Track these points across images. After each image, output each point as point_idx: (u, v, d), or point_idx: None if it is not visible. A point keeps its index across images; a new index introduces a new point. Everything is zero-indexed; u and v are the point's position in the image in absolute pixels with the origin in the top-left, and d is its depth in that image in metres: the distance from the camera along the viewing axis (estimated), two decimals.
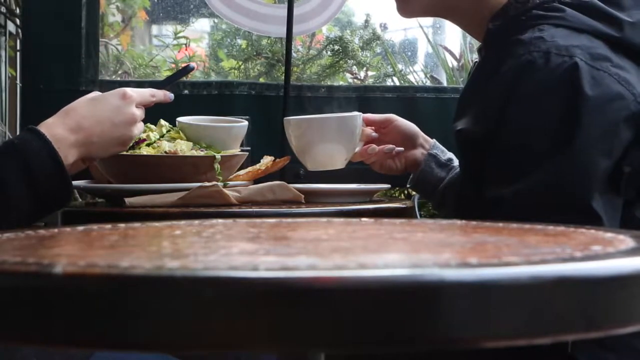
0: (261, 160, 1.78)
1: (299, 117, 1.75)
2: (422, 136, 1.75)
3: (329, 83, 3.38)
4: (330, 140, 1.67)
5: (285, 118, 1.75)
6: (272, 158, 1.78)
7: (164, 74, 3.68)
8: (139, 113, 1.46)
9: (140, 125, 1.47)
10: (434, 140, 1.76)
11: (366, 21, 3.79)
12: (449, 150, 1.76)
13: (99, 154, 1.44)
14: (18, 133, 1.38)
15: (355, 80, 3.65)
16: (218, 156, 1.63)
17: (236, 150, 1.71)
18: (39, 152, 1.29)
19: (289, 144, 1.73)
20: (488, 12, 1.46)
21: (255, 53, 3.52)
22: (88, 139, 1.38)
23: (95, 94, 1.46)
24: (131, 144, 1.62)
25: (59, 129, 1.35)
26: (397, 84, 3.62)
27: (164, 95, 1.53)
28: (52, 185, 1.30)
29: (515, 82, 1.30)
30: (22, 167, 1.28)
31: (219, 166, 1.62)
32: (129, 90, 1.45)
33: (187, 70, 1.72)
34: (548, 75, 1.29)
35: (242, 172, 1.75)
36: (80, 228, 0.88)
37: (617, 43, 1.34)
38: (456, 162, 1.70)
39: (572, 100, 1.27)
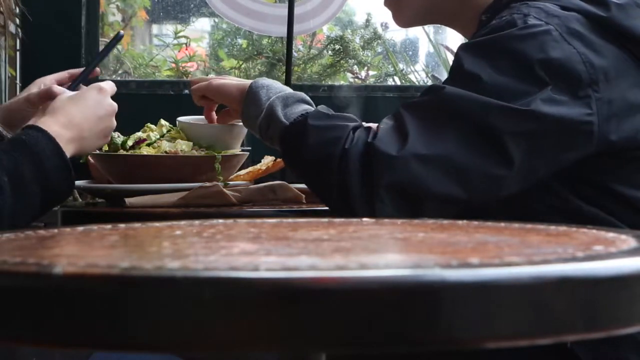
0: (262, 160, 1.78)
1: None
2: None
3: (329, 83, 3.38)
4: None
5: None
6: (273, 158, 1.78)
7: (164, 73, 3.68)
8: (114, 103, 1.49)
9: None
10: None
11: (367, 20, 3.78)
12: None
13: (88, 149, 1.47)
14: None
15: (356, 79, 3.65)
16: (219, 156, 1.62)
17: (237, 150, 1.71)
18: (46, 147, 1.32)
19: None
20: (475, 12, 1.47)
21: (255, 53, 3.52)
22: (80, 134, 1.41)
23: (69, 92, 1.49)
24: (131, 144, 1.62)
25: (55, 126, 1.36)
26: (398, 83, 3.62)
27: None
28: (59, 181, 1.33)
29: (489, 34, 1.33)
30: (36, 162, 1.30)
31: (219, 166, 1.62)
32: (102, 84, 1.49)
33: (117, 39, 1.73)
34: (520, 31, 1.31)
35: (242, 172, 1.74)
36: (80, 228, 0.88)
37: (603, 23, 1.35)
38: None
39: (535, 59, 1.29)
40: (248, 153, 1.75)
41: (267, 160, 1.77)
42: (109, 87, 1.49)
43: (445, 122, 1.29)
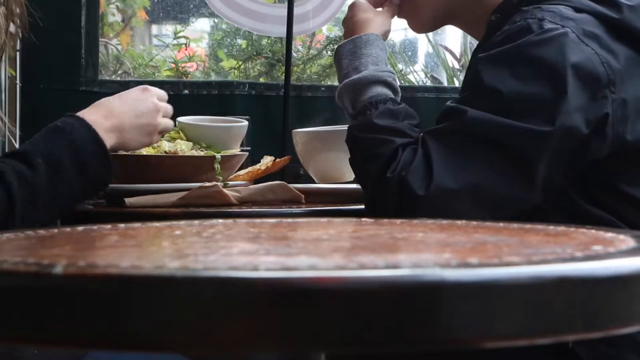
0: (261, 160, 1.78)
1: (307, 129, 1.75)
2: None
3: (329, 83, 3.38)
4: (338, 154, 1.66)
5: (293, 130, 1.75)
6: (272, 158, 1.78)
7: (164, 73, 3.68)
8: (162, 104, 1.52)
9: (167, 120, 1.54)
10: None
11: None
12: None
13: (131, 143, 1.48)
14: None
15: None
16: (218, 156, 1.62)
17: (236, 150, 1.71)
18: (82, 133, 1.36)
19: (295, 151, 1.73)
20: (485, 12, 1.48)
21: (255, 53, 3.51)
22: (120, 125, 1.44)
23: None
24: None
25: (93, 115, 1.40)
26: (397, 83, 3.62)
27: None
28: (97, 167, 1.37)
29: (505, 42, 1.32)
30: (72, 147, 1.34)
31: (219, 166, 1.62)
32: (148, 86, 1.54)
33: None
34: (537, 37, 1.31)
35: (242, 172, 1.74)
36: (80, 228, 0.88)
37: (616, 25, 1.36)
38: None
39: (555, 61, 1.29)
40: (247, 153, 1.75)
41: (267, 161, 1.77)
42: (156, 89, 1.54)
43: (470, 148, 1.28)
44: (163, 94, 1.55)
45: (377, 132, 1.36)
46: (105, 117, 1.42)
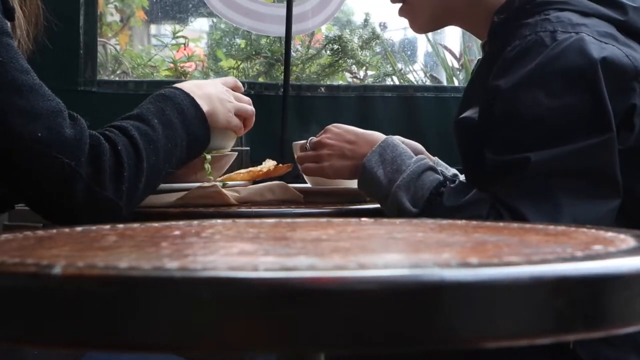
0: (263, 163, 1.78)
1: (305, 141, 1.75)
2: (426, 155, 1.75)
3: (328, 82, 3.38)
4: None
5: (293, 143, 1.75)
6: (275, 163, 1.77)
7: (163, 73, 3.68)
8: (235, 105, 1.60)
9: (240, 104, 1.62)
10: (437, 158, 1.76)
11: (365, 20, 3.78)
12: (452, 162, 1.76)
13: (219, 114, 1.54)
14: None
15: (355, 79, 3.65)
16: (209, 156, 1.62)
17: (226, 150, 1.70)
18: (184, 99, 1.47)
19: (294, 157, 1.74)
20: (487, 12, 1.47)
21: (254, 52, 3.52)
22: (209, 95, 1.53)
23: None
24: None
25: (186, 86, 1.51)
26: (397, 83, 3.62)
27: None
28: (199, 129, 1.47)
29: (522, 61, 1.31)
30: (178, 109, 1.44)
31: (209, 166, 1.61)
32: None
33: None
34: (555, 49, 1.30)
35: (243, 170, 1.74)
36: (79, 228, 0.88)
37: (622, 26, 1.36)
38: (461, 177, 1.69)
39: (581, 65, 1.29)
40: (237, 153, 1.74)
41: (269, 164, 1.76)
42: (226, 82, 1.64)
43: (551, 189, 1.26)
44: (232, 84, 1.64)
45: (460, 212, 1.33)
46: (197, 87, 1.52)
